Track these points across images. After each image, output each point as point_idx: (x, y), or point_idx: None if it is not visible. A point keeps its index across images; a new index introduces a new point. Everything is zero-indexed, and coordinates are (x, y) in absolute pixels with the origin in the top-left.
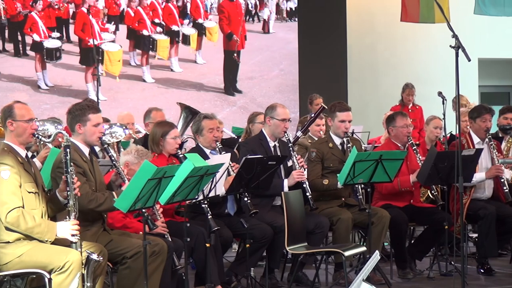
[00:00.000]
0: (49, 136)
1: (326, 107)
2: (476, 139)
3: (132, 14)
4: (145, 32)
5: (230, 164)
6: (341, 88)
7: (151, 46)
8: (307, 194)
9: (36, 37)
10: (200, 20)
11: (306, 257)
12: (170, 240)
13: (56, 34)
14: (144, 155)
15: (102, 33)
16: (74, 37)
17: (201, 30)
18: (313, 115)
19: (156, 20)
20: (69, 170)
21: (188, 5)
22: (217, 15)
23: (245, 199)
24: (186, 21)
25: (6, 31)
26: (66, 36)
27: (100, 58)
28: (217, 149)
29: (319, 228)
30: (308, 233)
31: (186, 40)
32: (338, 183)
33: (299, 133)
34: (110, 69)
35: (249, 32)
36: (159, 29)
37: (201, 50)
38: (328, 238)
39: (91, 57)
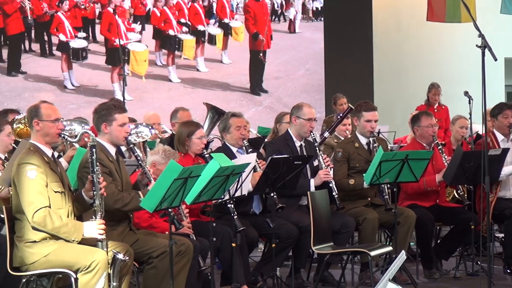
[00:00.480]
0: (75, 136)
1: (353, 107)
2: (500, 137)
3: (158, 14)
4: (171, 32)
5: (257, 161)
6: (367, 88)
7: (177, 46)
8: (334, 193)
9: (62, 37)
10: (226, 20)
11: (332, 257)
12: (196, 240)
13: (82, 34)
14: (171, 155)
15: (128, 33)
16: (100, 37)
17: (227, 30)
18: (341, 115)
19: (182, 20)
20: (95, 169)
21: (214, 5)
22: (243, 15)
23: (271, 194)
24: (212, 21)
25: (33, 31)
26: (92, 36)
27: (126, 58)
28: (244, 147)
29: (345, 228)
30: (334, 233)
31: (212, 40)
32: (364, 183)
33: (326, 134)
34: (136, 69)
35: (275, 32)
36: (185, 29)
37: (227, 50)
38: (354, 238)
39: (117, 57)
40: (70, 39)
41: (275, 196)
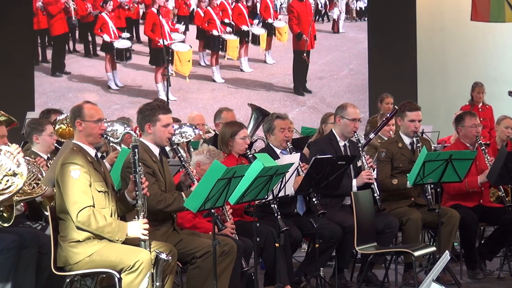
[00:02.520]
0: (118, 137)
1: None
2: None
3: (202, 14)
4: (215, 32)
5: (299, 164)
6: (411, 88)
7: (220, 46)
8: (375, 195)
9: (106, 38)
10: (269, 20)
11: (375, 257)
12: (239, 240)
13: (126, 34)
14: (216, 156)
15: (172, 33)
16: (144, 38)
17: (270, 30)
18: (388, 115)
19: (226, 20)
20: (137, 170)
21: (258, 5)
22: (286, 15)
23: (313, 199)
24: (255, 21)
25: (77, 32)
26: (136, 36)
27: (170, 58)
28: (288, 149)
29: (389, 228)
30: (377, 233)
31: (255, 40)
32: (408, 183)
33: (371, 135)
34: (180, 69)
35: (318, 32)
36: (228, 29)
37: (270, 50)
38: (398, 238)
39: (161, 57)
40: (114, 39)
41: (316, 202)
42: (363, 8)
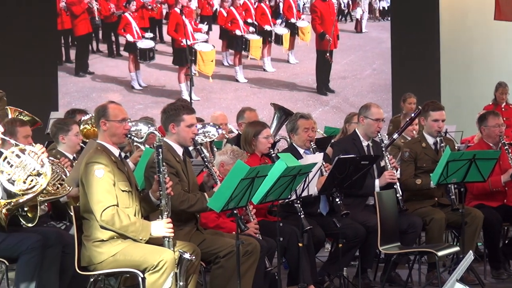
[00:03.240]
0: (142, 137)
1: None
2: None
3: (225, 14)
4: (238, 32)
5: (323, 164)
6: (434, 87)
7: (243, 46)
8: (398, 195)
9: (129, 38)
10: (292, 20)
11: (399, 257)
12: (262, 239)
13: (149, 34)
14: (240, 156)
15: (195, 33)
16: (167, 38)
17: (293, 30)
18: (412, 115)
19: (249, 20)
20: (161, 170)
21: (281, 5)
22: (309, 14)
23: (337, 199)
24: (278, 21)
25: (100, 32)
26: (159, 36)
27: (193, 58)
28: (311, 149)
29: (412, 228)
30: (401, 233)
31: (278, 40)
32: (431, 182)
33: (395, 136)
34: (203, 69)
35: (341, 32)
36: (251, 29)
37: (293, 50)
38: (421, 238)
39: (184, 57)
40: (137, 39)
41: (340, 202)
42: (386, 8)
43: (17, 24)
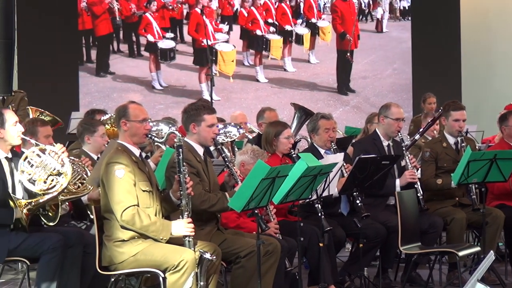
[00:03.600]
0: (162, 137)
1: (443, 109)
2: None
3: (246, 14)
4: (258, 32)
5: (343, 165)
6: (455, 87)
7: (264, 46)
8: (418, 195)
9: (150, 38)
10: (313, 20)
11: (419, 257)
12: (282, 239)
13: (170, 34)
14: (260, 155)
15: (216, 33)
16: (188, 38)
17: (314, 30)
18: (435, 115)
19: (270, 20)
20: (181, 170)
21: (301, 4)
22: (330, 14)
23: (357, 201)
24: (299, 21)
25: (121, 32)
26: (180, 36)
27: (214, 58)
28: (332, 149)
29: (433, 228)
30: (422, 232)
31: (299, 39)
32: (452, 182)
33: (417, 137)
34: (224, 69)
35: (362, 32)
36: (272, 29)
37: (314, 49)
38: (442, 238)
39: (204, 57)
40: (158, 39)
41: (360, 204)
42: (407, 8)
43: (38, 25)
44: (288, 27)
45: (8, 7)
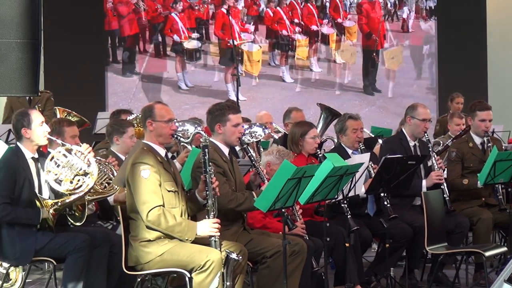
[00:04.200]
0: (188, 137)
1: (468, 128)
2: None
3: (272, 14)
4: (284, 32)
5: (371, 166)
6: (481, 87)
7: (290, 46)
8: (445, 195)
9: (176, 38)
10: (339, 20)
11: (446, 257)
12: (309, 240)
13: (196, 34)
14: (286, 155)
15: (242, 33)
16: (213, 38)
17: (340, 30)
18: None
19: (296, 20)
20: (207, 170)
21: (327, 4)
22: (356, 14)
23: (385, 203)
24: (325, 21)
25: (147, 33)
26: (205, 36)
27: (240, 58)
28: (360, 149)
29: (459, 228)
30: (448, 233)
31: (325, 39)
32: (478, 182)
33: (449, 142)
34: (250, 69)
35: (388, 31)
36: (298, 29)
37: (340, 49)
38: (468, 238)
39: (230, 57)
40: (184, 39)
41: (388, 206)
42: (433, 7)
43: (65, 25)
44: (314, 27)
45: (34, 7)
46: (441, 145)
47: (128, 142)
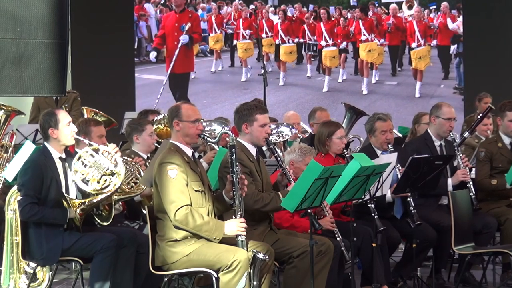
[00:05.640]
0: (215, 137)
1: (493, 107)
2: None
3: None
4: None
5: (398, 169)
6: (509, 87)
7: (317, 52)
8: (471, 194)
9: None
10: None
11: (473, 257)
12: (340, 238)
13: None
14: (308, 152)
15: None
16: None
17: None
18: (480, 115)
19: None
20: (234, 170)
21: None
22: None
23: (410, 208)
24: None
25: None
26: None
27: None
28: (389, 151)
29: (487, 228)
30: (475, 233)
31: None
32: (507, 183)
33: (466, 134)
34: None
35: (415, 31)
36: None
37: (367, 49)
38: (496, 238)
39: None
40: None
41: (414, 211)
42: (460, 7)
43: (92, 25)
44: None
45: (62, 8)
46: (471, 147)
47: (148, 140)
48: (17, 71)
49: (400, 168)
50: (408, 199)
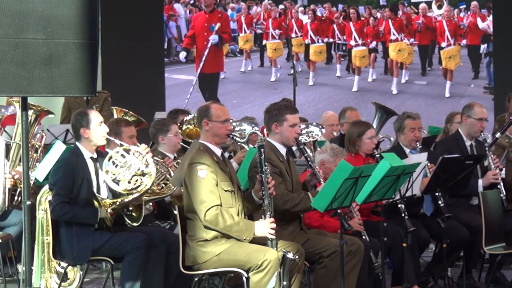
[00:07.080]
0: (245, 137)
1: None
2: None
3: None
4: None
5: (427, 165)
6: None
7: (346, 51)
8: (501, 195)
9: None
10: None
11: (504, 257)
12: (368, 239)
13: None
14: (340, 153)
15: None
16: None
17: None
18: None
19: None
20: (263, 169)
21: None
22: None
23: (439, 201)
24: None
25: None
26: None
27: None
28: (418, 149)
29: None
30: (506, 233)
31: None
32: None
33: (498, 134)
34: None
35: (445, 30)
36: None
37: (397, 49)
38: None
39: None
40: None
41: (442, 205)
42: (490, 6)
43: (122, 25)
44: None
45: (92, 8)
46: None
47: (173, 140)
48: (48, 72)
49: (429, 164)
50: (437, 194)
